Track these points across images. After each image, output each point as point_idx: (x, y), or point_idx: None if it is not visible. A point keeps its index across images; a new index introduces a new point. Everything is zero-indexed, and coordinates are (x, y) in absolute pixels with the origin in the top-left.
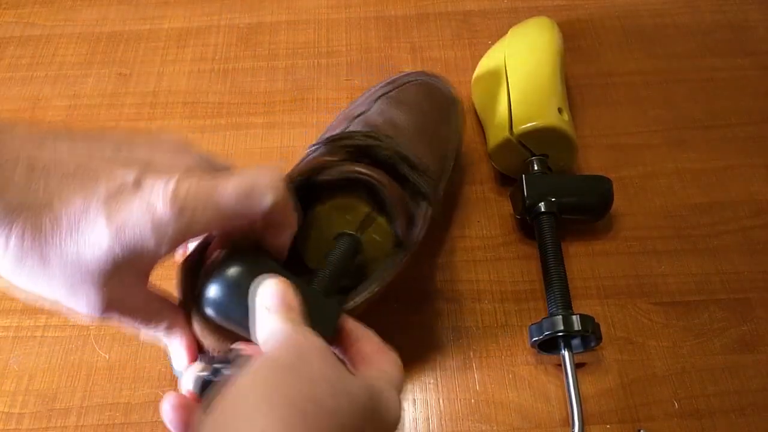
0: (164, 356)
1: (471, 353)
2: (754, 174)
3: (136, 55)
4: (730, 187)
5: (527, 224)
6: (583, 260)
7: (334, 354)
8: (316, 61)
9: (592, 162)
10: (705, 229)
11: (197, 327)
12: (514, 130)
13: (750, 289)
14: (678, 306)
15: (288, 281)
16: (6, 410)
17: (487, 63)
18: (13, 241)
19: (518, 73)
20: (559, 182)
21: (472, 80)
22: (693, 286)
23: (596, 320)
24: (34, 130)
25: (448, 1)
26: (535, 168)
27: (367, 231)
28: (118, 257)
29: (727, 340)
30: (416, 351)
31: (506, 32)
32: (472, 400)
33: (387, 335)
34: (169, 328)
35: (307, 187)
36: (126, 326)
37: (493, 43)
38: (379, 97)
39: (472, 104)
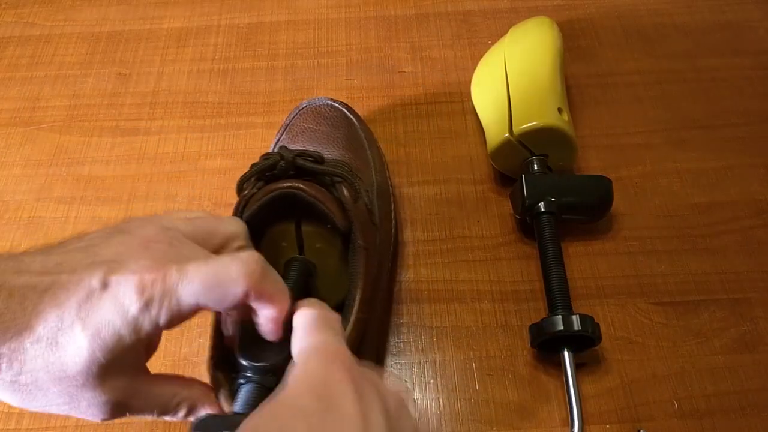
0: (164, 356)
1: (471, 353)
2: (754, 174)
3: (136, 55)
4: (730, 187)
5: (527, 224)
6: (583, 260)
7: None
8: (315, 61)
9: (591, 162)
10: (705, 229)
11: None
12: (514, 130)
13: (750, 289)
14: (678, 306)
15: (323, 304)
16: (6, 410)
17: (486, 63)
18: (3, 368)
19: (518, 73)
20: (558, 182)
21: (472, 80)
22: (693, 286)
23: (596, 320)
24: (11, 256)
25: (448, 1)
26: (535, 168)
27: (307, 245)
28: (101, 360)
29: (727, 340)
30: (416, 351)
31: (506, 32)
32: (472, 400)
33: (388, 335)
34: (192, 409)
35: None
36: (148, 417)
37: (493, 43)
38: (274, 147)
39: (472, 105)
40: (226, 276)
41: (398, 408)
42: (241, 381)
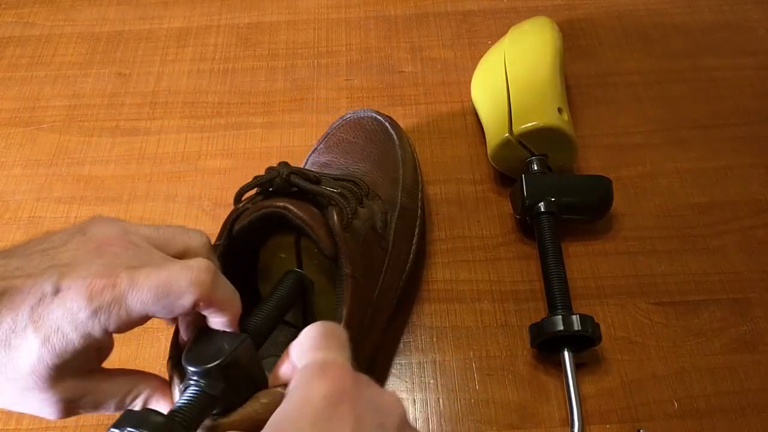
0: (164, 356)
1: (471, 353)
2: (754, 174)
3: (136, 55)
4: (730, 187)
5: (527, 224)
6: (583, 260)
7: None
8: (315, 61)
9: (591, 162)
10: (705, 229)
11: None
12: (514, 129)
13: (750, 289)
14: (678, 306)
15: (333, 324)
16: (6, 410)
17: (486, 63)
18: None
19: (518, 73)
20: (558, 182)
21: (472, 80)
22: (693, 286)
23: (596, 320)
24: None
25: (448, 1)
26: (535, 168)
27: (306, 259)
28: (51, 363)
29: (727, 340)
30: (416, 351)
31: (506, 32)
32: (472, 400)
33: (388, 335)
34: (148, 401)
35: (242, 244)
36: (106, 412)
37: (493, 43)
38: (311, 155)
39: (473, 105)
40: (176, 285)
41: (401, 428)
42: (189, 383)
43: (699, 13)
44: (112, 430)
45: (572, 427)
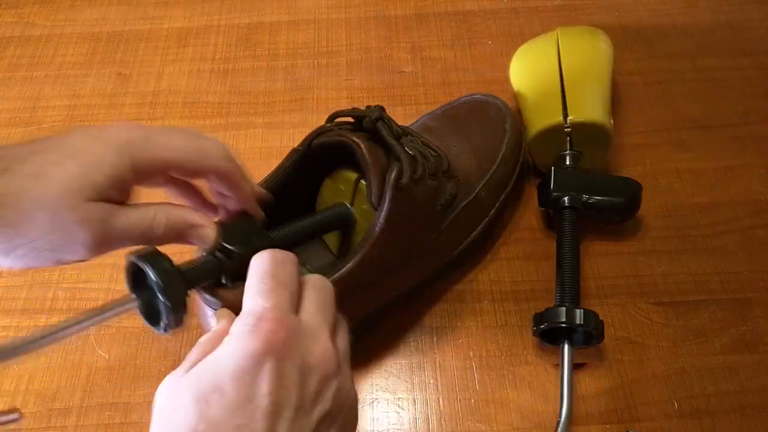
0: (164, 356)
1: (471, 353)
2: (754, 174)
3: (136, 55)
4: (730, 187)
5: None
6: (583, 260)
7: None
8: (315, 61)
9: None
10: (705, 229)
11: None
12: (570, 118)
13: (750, 289)
14: (678, 306)
15: (284, 253)
16: (6, 410)
17: (534, 48)
18: None
19: (574, 64)
20: (588, 179)
21: (512, 63)
22: (693, 286)
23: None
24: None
25: (448, 1)
26: (568, 162)
27: (357, 199)
28: (83, 183)
29: (727, 340)
30: (416, 351)
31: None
32: (472, 400)
33: (388, 335)
34: (173, 224)
35: (315, 160)
36: (133, 244)
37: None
38: (426, 116)
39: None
40: (208, 148)
41: (323, 384)
42: (212, 252)
43: (699, 13)
44: (129, 256)
45: (560, 417)
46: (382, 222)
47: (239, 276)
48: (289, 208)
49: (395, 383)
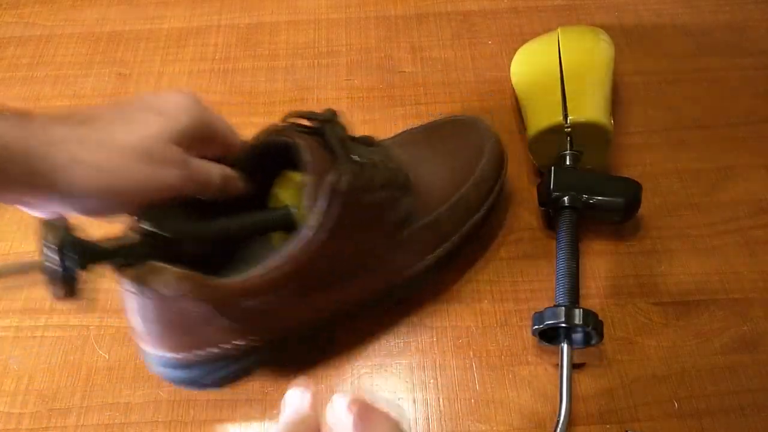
0: None
1: (471, 353)
2: (754, 174)
3: (136, 55)
4: (730, 187)
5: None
6: (583, 260)
7: None
8: (315, 61)
9: None
10: (705, 229)
11: None
12: (570, 118)
13: (750, 289)
14: (678, 306)
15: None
16: (6, 410)
17: (536, 46)
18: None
19: (574, 64)
20: (588, 179)
21: (513, 62)
22: (693, 286)
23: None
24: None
25: (448, 1)
26: (568, 162)
27: (301, 203)
28: (167, 131)
29: (727, 340)
30: (416, 351)
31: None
32: (472, 400)
33: (388, 335)
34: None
35: (269, 159)
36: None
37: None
38: (408, 129)
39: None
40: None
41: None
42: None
43: (699, 13)
44: (42, 220)
45: (559, 416)
46: (314, 224)
47: (153, 259)
48: (238, 205)
49: (395, 383)
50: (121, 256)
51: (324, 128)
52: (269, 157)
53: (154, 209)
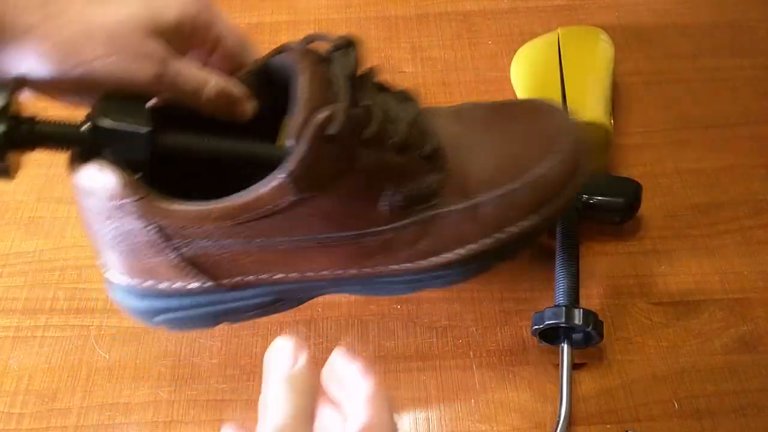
0: (164, 356)
1: (471, 353)
2: (754, 174)
3: None
4: (730, 187)
5: None
6: (582, 260)
7: None
8: None
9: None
10: (705, 229)
11: None
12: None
13: (750, 289)
14: (678, 306)
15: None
16: (6, 410)
17: (536, 46)
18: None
19: (575, 67)
20: (588, 179)
21: (513, 61)
22: (693, 286)
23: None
24: None
25: (448, 1)
26: None
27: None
28: (149, 25)
29: (727, 340)
30: (416, 351)
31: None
32: (472, 400)
33: (388, 335)
34: (222, 93)
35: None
36: (184, 98)
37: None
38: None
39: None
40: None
41: None
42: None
43: (699, 13)
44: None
45: (560, 416)
46: (287, 170)
47: (96, 153)
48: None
49: (395, 383)
50: (57, 142)
51: (332, 56)
52: (276, 85)
53: (115, 103)
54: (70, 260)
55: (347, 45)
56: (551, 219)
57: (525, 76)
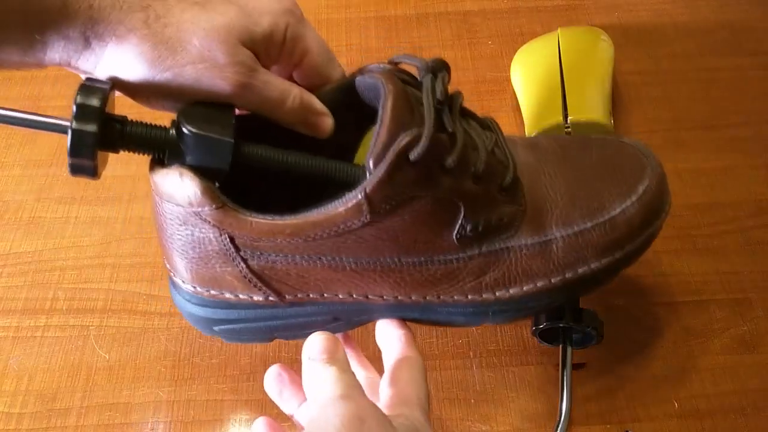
0: (164, 356)
1: (471, 353)
2: (754, 174)
3: None
4: (730, 187)
5: None
6: None
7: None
8: None
9: None
10: (705, 229)
11: None
12: (570, 117)
13: (750, 289)
14: (678, 306)
15: (333, 337)
16: (6, 410)
17: (536, 47)
18: (151, 17)
19: (575, 67)
20: None
21: (513, 61)
22: (693, 286)
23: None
24: None
25: (448, 1)
26: None
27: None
28: (242, 26)
29: (727, 340)
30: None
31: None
32: (472, 400)
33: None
34: (303, 102)
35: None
36: (265, 108)
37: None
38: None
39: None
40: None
41: None
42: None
43: (699, 13)
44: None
45: (560, 416)
46: (363, 190)
47: (179, 158)
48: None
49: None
50: (145, 146)
51: (423, 80)
52: (362, 104)
53: (202, 111)
54: (70, 260)
55: (439, 68)
56: (625, 263)
57: (525, 76)
